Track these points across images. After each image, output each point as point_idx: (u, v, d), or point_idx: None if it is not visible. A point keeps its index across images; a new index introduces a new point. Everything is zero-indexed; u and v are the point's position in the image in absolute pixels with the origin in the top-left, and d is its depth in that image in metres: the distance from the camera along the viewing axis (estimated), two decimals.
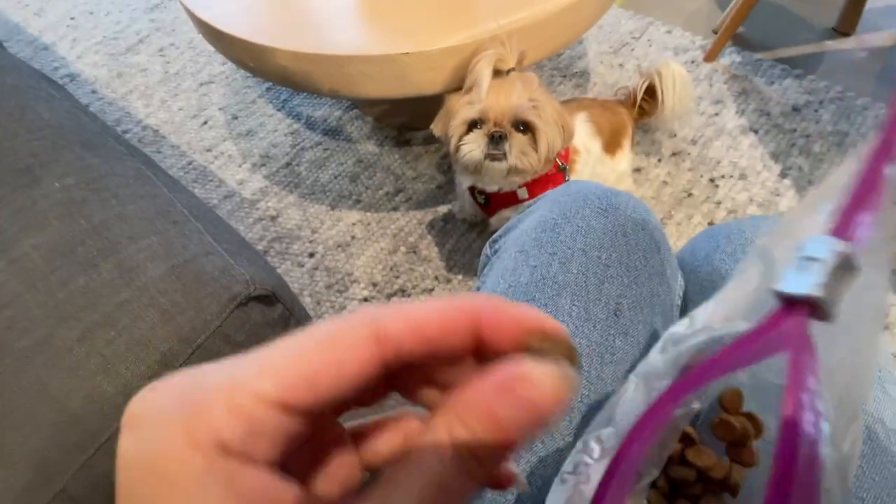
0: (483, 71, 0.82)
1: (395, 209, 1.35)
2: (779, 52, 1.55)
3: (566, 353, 0.15)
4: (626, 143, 1.14)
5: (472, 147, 0.85)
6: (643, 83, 1.14)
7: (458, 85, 0.92)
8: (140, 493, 0.12)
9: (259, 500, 0.13)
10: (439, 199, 1.35)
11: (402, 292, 1.20)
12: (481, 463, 0.14)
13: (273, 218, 1.36)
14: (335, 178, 1.43)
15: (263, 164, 1.48)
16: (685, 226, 1.23)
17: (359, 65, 0.91)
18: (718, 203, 1.26)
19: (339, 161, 1.46)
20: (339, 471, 0.17)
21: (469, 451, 0.14)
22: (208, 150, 1.52)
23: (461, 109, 0.86)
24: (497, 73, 0.86)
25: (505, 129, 0.83)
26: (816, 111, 1.39)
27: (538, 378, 0.14)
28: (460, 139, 0.86)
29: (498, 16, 0.90)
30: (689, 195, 1.28)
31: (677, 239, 1.21)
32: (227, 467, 0.12)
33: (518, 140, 0.84)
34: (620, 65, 1.58)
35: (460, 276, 1.21)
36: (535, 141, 0.85)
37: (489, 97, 0.82)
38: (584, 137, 1.06)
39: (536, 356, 0.15)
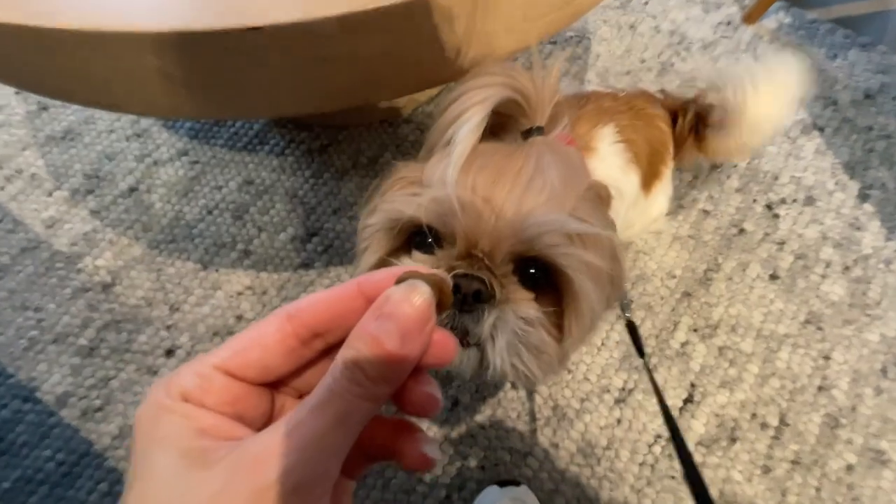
0: (468, 120, 0.36)
1: (306, 265, 0.88)
2: (838, 8, 1.16)
3: (429, 280, 0.20)
4: (667, 172, 0.73)
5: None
6: (700, 102, 0.71)
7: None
8: (141, 432, 0.19)
9: (204, 431, 0.19)
10: None
11: None
12: (369, 377, 0.18)
13: (106, 287, 0.86)
14: (209, 212, 0.92)
15: (90, 192, 0.94)
16: (739, 281, 0.86)
17: (147, 51, 0.42)
18: (781, 244, 0.89)
19: (214, 183, 0.95)
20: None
21: (355, 364, 0.18)
22: None
23: (394, 194, 0.39)
24: (497, 129, 0.40)
25: (486, 275, 0.35)
26: (895, 98, 1.03)
27: (397, 295, 0.19)
28: (379, 262, 0.40)
29: None
30: (741, 231, 0.90)
31: (728, 304, 0.84)
32: (186, 408, 0.19)
33: (515, 308, 0.36)
34: (632, 27, 1.13)
35: None
36: (560, 315, 0.38)
37: (466, 181, 0.35)
38: (615, 170, 0.63)
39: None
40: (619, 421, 0.76)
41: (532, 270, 0.36)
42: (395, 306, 0.19)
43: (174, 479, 0.18)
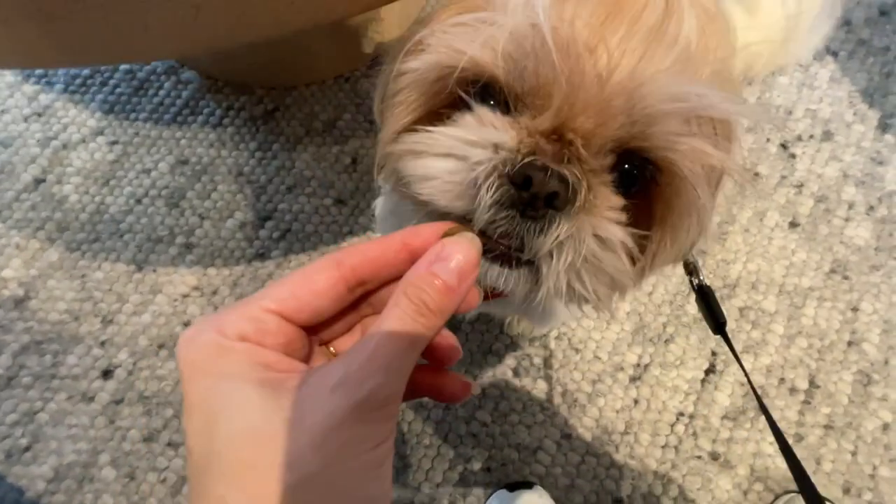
0: None
1: (261, 255, 0.75)
2: None
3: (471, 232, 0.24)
4: None
5: (447, 189, 0.25)
6: None
7: None
8: (201, 370, 0.20)
9: (269, 366, 0.21)
10: (344, 230, 0.77)
11: None
12: (431, 308, 0.21)
13: (19, 302, 0.71)
14: (138, 201, 0.78)
15: None
16: (756, 232, 0.77)
17: None
18: (800, 187, 0.80)
19: (140, 166, 0.80)
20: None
21: (419, 298, 0.21)
22: None
23: (447, 26, 0.26)
24: None
25: (575, 170, 0.24)
26: None
27: (450, 244, 0.22)
28: (410, 126, 0.28)
29: None
30: (756, 176, 0.81)
31: (747, 259, 0.75)
32: (246, 346, 0.21)
33: (596, 223, 0.25)
34: None
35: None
36: (648, 227, 0.27)
37: (562, 12, 0.23)
38: None
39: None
40: (636, 402, 0.68)
41: (628, 166, 0.25)
42: (451, 252, 0.22)
43: (263, 406, 0.19)
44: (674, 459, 0.66)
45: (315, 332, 0.24)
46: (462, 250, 0.22)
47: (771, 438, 0.67)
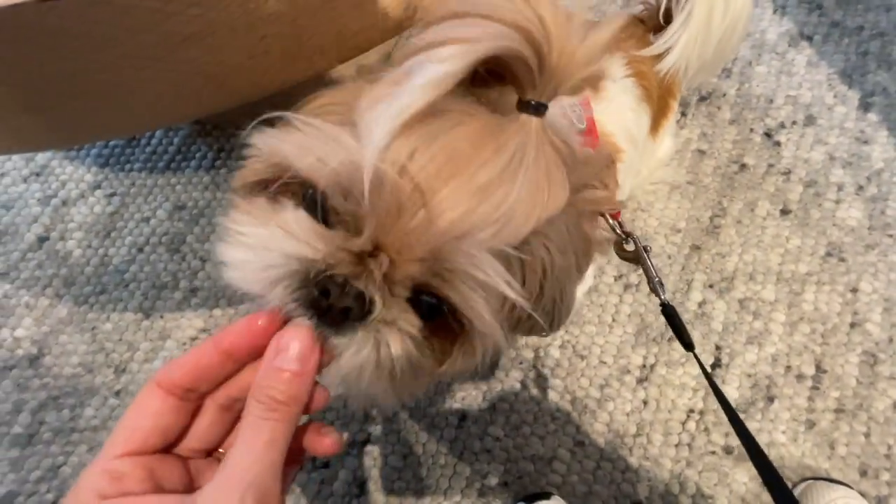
0: (438, 63, 0.23)
1: None
2: None
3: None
4: (675, 106, 0.64)
5: (250, 279, 0.26)
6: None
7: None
8: None
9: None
10: None
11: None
12: (281, 401, 0.23)
13: (34, 360, 0.74)
14: (139, 250, 0.81)
15: None
16: (749, 223, 0.79)
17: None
18: (787, 174, 0.83)
19: (139, 215, 0.83)
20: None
21: (267, 395, 0.24)
22: None
23: (306, 123, 0.26)
24: (481, 80, 0.26)
25: (373, 289, 0.25)
26: None
27: (285, 335, 0.25)
28: (252, 188, 0.29)
29: None
30: (742, 167, 0.83)
31: (742, 251, 0.78)
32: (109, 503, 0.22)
33: (388, 333, 0.27)
34: None
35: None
36: (444, 340, 0.29)
37: (401, 149, 0.24)
38: (626, 112, 0.54)
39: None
40: (645, 403, 0.70)
41: (426, 297, 0.26)
42: (287, 341, 0.24)
43: None
44: (688, 457, 0.68)
45: (189, 450, 0.26)
46: (297, 335, 0.24)
47: (783, 427, 0.69)
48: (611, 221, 0.42)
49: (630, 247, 0.44)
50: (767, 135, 0.85)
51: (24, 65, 0.35)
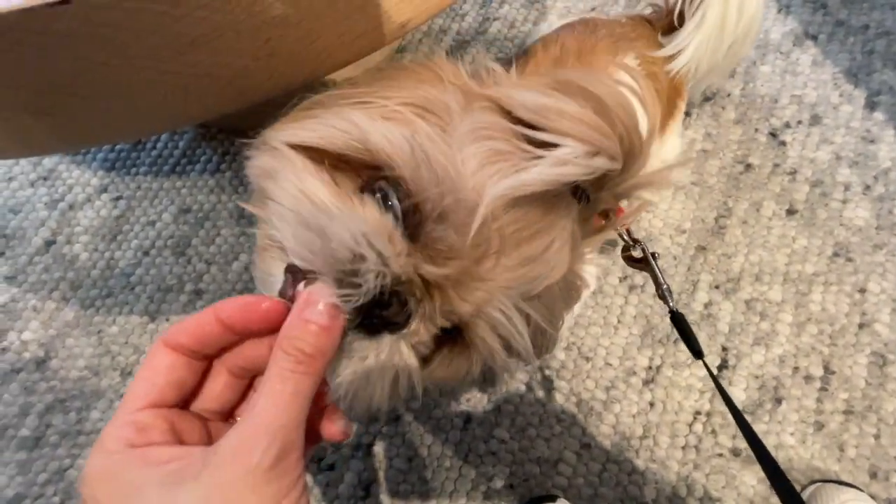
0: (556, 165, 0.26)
1: None
2: None
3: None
4: (682, 106, 0.64)
5: (313, 250, 0.25)
6: None
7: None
8: (105, 490, 0.22)
9: (168, 461, 0.22)
10: None
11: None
12: (308, 353, 0.23)
13: (40, 363, 0.75)
14: (145, 253, 0.82)
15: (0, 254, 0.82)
16: (755, 223, 0.79)
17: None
18: (793, 174, 0.82)
19: (145, 218, 0.84)
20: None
21: (294, 347, 0.23)
22: None
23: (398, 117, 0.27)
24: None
25: (422, 308, 0.27)
26: None
27: (314, 291, 0.25)
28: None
29: None
30: (748, 167, 0.83)
31: (748, 252, 0.77)
32: (136, 452, 0.22)
33: (406, 344, 0.28)
34: None
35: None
36: (452, 351, 0.31)
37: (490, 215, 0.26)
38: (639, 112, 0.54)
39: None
40: (651, 404, 0.70)
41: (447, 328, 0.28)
42: (316, 296, 0.24)
43: (167, 500, 0.21)
44: (695, 459, 0.67)
45: (207, 411, 0.27)
46: (325, 293, 0.24)
47: (791, 429, 0.69)
48: (619, 229, 0.42)
49: (638, 253, 0.44)
50: (773, 135, 0.85)
51: (31, 68, 0.35)
